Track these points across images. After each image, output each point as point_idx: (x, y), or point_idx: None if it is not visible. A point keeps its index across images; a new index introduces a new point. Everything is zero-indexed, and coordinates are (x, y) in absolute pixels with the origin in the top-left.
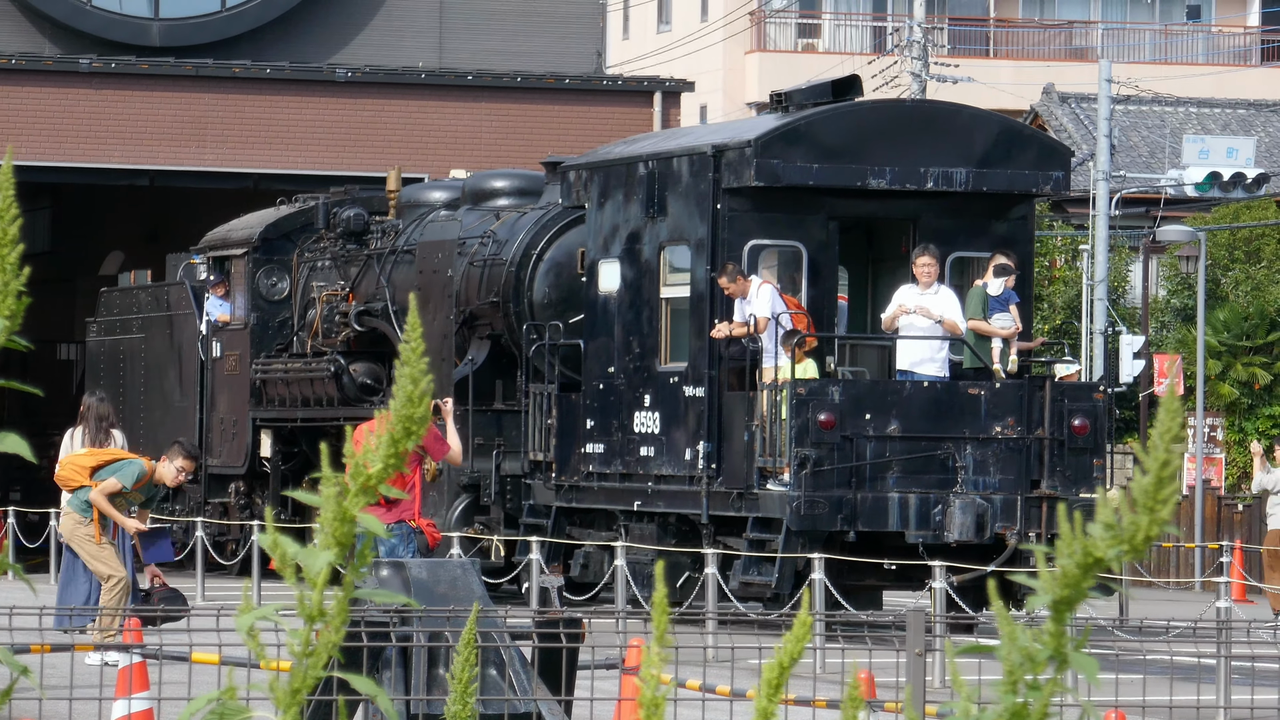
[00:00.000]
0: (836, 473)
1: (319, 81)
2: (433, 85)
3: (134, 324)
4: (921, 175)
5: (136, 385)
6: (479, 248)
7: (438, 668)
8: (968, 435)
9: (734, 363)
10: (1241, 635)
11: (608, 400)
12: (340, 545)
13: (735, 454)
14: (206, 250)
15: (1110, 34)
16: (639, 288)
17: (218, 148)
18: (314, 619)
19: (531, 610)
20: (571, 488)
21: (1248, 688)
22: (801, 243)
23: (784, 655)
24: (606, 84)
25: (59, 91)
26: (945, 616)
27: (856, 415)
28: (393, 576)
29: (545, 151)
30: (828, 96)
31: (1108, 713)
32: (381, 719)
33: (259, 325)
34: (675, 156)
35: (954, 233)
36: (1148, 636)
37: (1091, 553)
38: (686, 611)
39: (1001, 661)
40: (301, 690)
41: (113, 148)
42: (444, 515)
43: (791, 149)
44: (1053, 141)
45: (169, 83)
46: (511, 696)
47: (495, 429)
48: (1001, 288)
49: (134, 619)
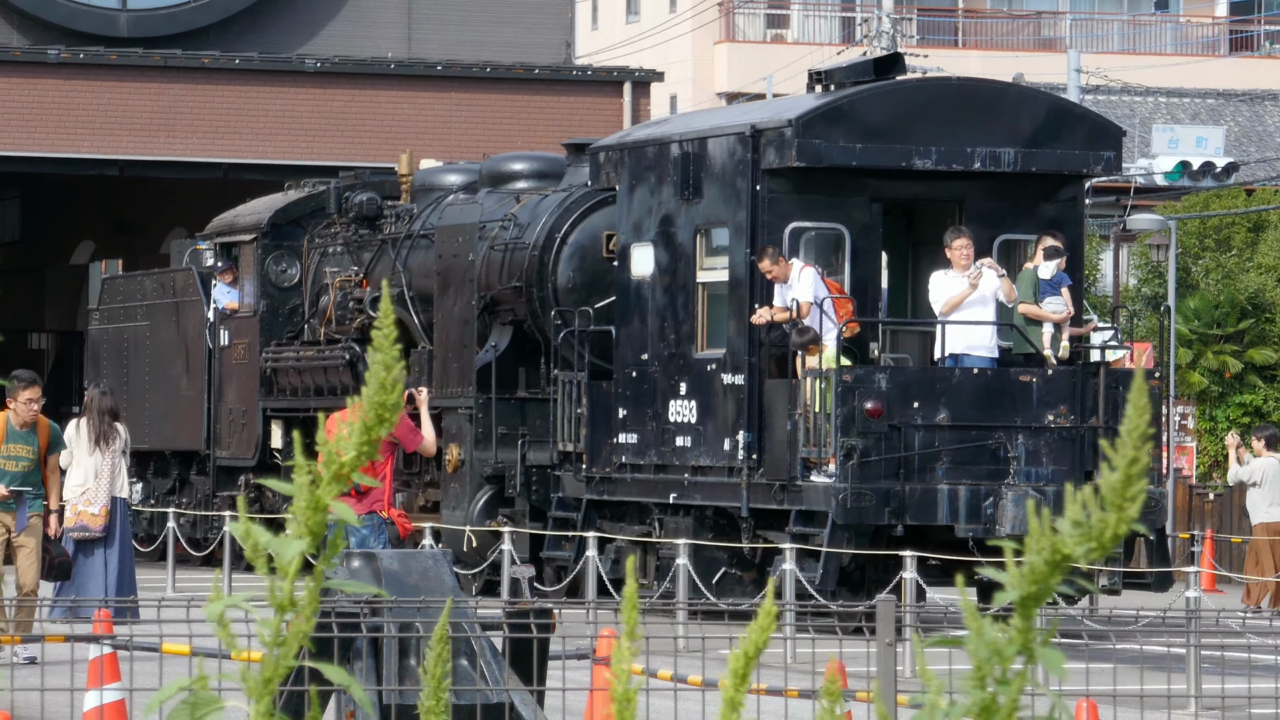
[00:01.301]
0: (884, 464)
1: (288, 72)
2: (402, 76)
3: (138, 311)
4: (968, 156)
5: (141, 374)
6: (500, 231)
7: (409, 658)
8: (1019, 424)
9: (775, 349)
10: (1211, 625)
11: (641, 388)
12: (312, 534)
13: (777, 444)
14: (213, 236)
15: (1079, 24)
16: (674, 272)
17: (187, 138)
18: (285, 609)
19: (502, 601)
20: (603, 479)
21: (1218, 677)
22: (844, 225)
23: (749, 645)
24: (576, 74)
25: (27, 82)
26: (914, 607)
27: (904, 404)
28: (364, 567)
29: (515, 142)
30: (870, 75)
31: (1079, 702)
32: (354, 708)
33: (268, 312)
34: (712, 137)
35: (1001, 215)
36: (1117, 627)
37: (1060, 550)
38: (656, 603)
39: (970, 657)
40: (273, 680)
41: (82, 138)
42: (466, 508)
43: (834, 128)
44: (1104, 121)
45: (138, 73)
46: (483, 687)
47: (519, 418)
48: (1053, 270)
49: (104, 610)
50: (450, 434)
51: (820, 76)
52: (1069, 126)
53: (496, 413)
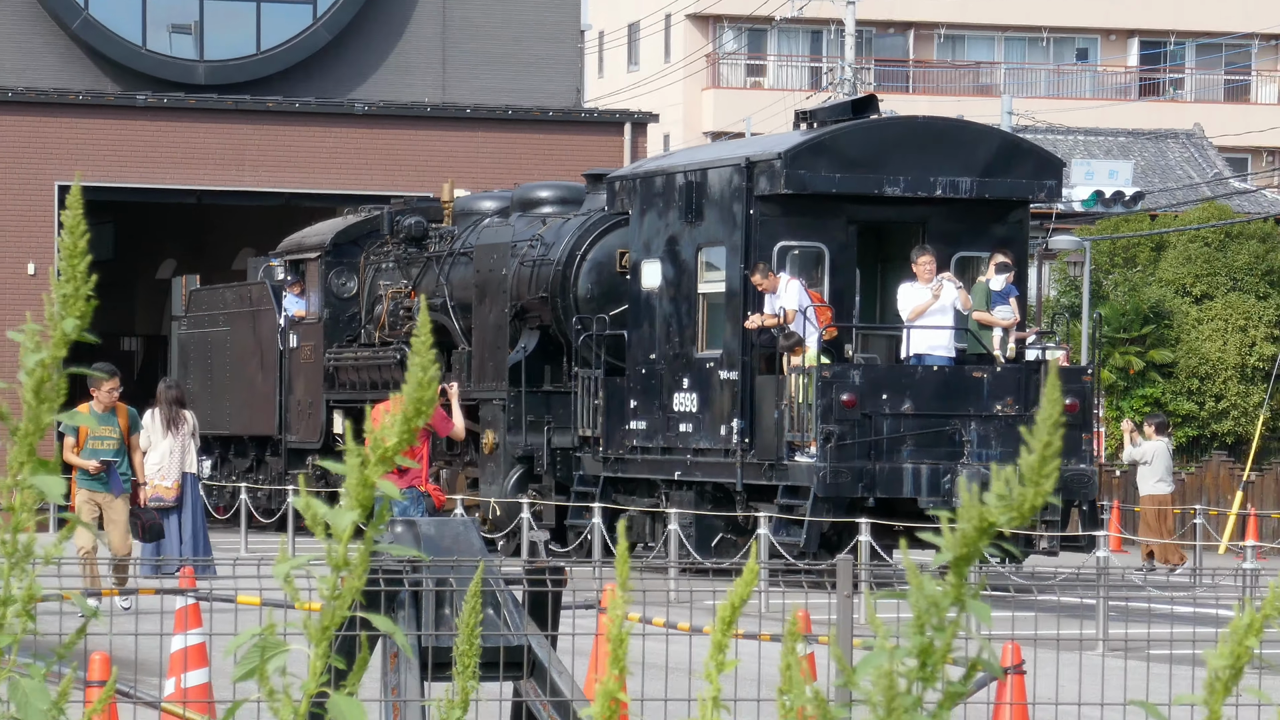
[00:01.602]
0: (857, 446)
1: (340, 114)
2: (437, 118)
3: (221, 318)
4: (931, 184)
5: (224, 371)
6: (528, 250)
7: (444, 608)
8: (972, 413)
9: (764, 350)
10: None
11: (650, 383)
12: (362, 507)
13: (766, 430)
14: (284, 254)
15: (1011, 73)
16: (678, 284)
17: (254, 171)
18: (340, 568)
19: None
20: (617, 460)
21: (1122, 623)
22: (824, 244)
23: (735, 597)
24: (584, 116)
25: (119, 124)
26: (869, 565)
27: (875, 396)
28: (406, 533)
29: (533, 174)
30: (848, 114)
31: (1005, 645)
32: (398, 651)
33: (331, 319)
34: (711, 168)
35: (959, 235)
36: (1039, 581)
37: (986, 518)
38: (653, 561)
39: (911, 607)
40: (330, 628)
41: (165, 171)
42: (500, 483)
43: (817, 160)
44: (1047, 154)
45: (212, 115)
46: (506, 632)
47: (545, 408)
48: (1003, 283)
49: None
50: (486, 421)
51: (805, 115)
52: (1018, 159)
53: (526, 403)
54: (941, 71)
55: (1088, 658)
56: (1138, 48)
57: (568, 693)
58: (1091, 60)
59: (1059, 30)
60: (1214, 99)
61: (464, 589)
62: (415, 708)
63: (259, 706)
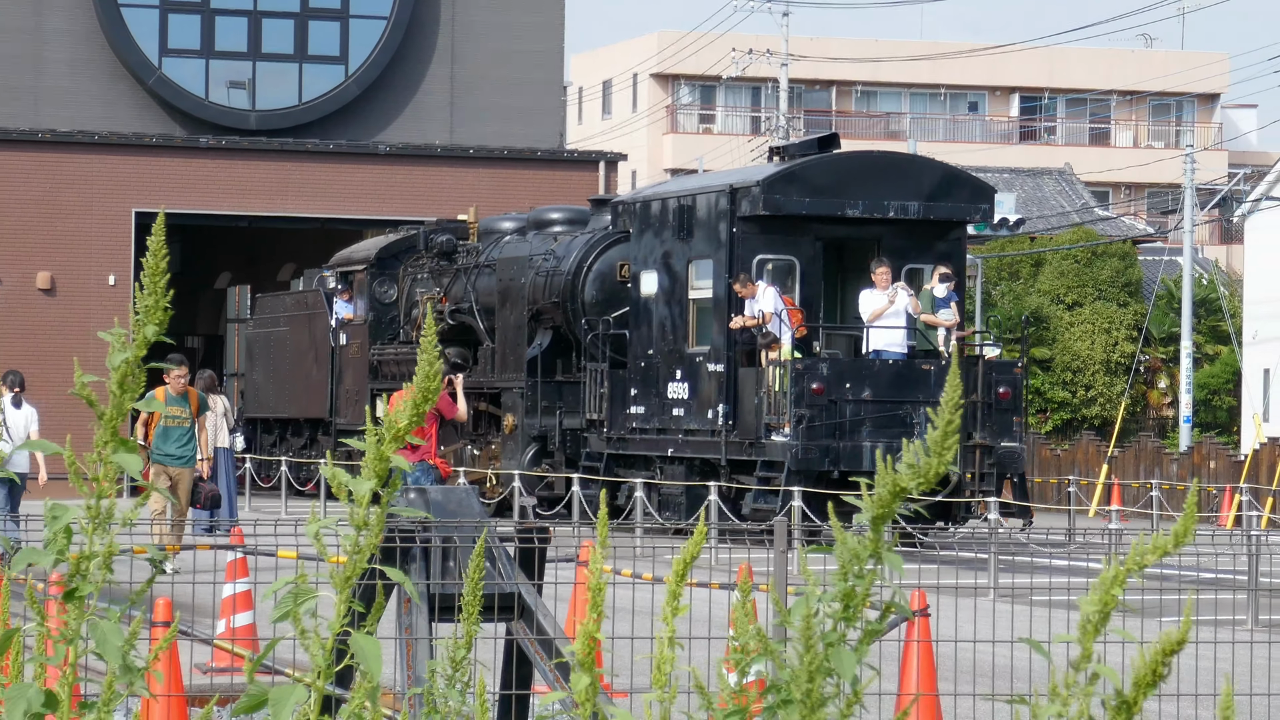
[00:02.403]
0: (825, 427)
1: (367, 154)
2: (445, 156)
3: (281, 320)
4: (885, 206)
5: (284, 365)
6: (542, 262)
7: (449, 561)
8: (922, 399)
9: (745, 346)
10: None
11: (647, 375)
12: (378, 477)
13: (747, 413)
14: (335, 267)
15: (915, 122)
16: (672, 291)
17: (296, 200)
18: (360, 527)
19: (514, 521)
20: (619, 439)
21: (1009, 574)
22: (795, 257)
23: (687, 553)
24: (565, 156)
25: (185, 161)
26: (801, 525)
27: (839, 385)
28: (418, 498)
29: (524, 203)
30: (815, 149)
31: (912, 592)
32: (409, 598)
33: (375, 322)
34: (700, 194)
35: (907, 250)
36: (941, 539)
37: (898, 484)
38: (621, 523)
39: (837, 559)
40: (351, 577)
41: (223, 200)
42: (519, 458)
43: (789, 187)
44: (981, 182)
45: (262, 154)
46: (500, 581)
47: (557, 395)
48: (945, 291)
49: (237, 527)
50: (508, 406)
51: (778, 150)
52: (957, 186)
53: (541, 391)
54: (859, 120)
55: (981, 603)
56: (1018, 101)
57: (551, 631)
58: (981, 111)
59: (954, 87)
60: (1081, 143)
61: (466, 545)
62: (424, 645)
63: (293, 643)
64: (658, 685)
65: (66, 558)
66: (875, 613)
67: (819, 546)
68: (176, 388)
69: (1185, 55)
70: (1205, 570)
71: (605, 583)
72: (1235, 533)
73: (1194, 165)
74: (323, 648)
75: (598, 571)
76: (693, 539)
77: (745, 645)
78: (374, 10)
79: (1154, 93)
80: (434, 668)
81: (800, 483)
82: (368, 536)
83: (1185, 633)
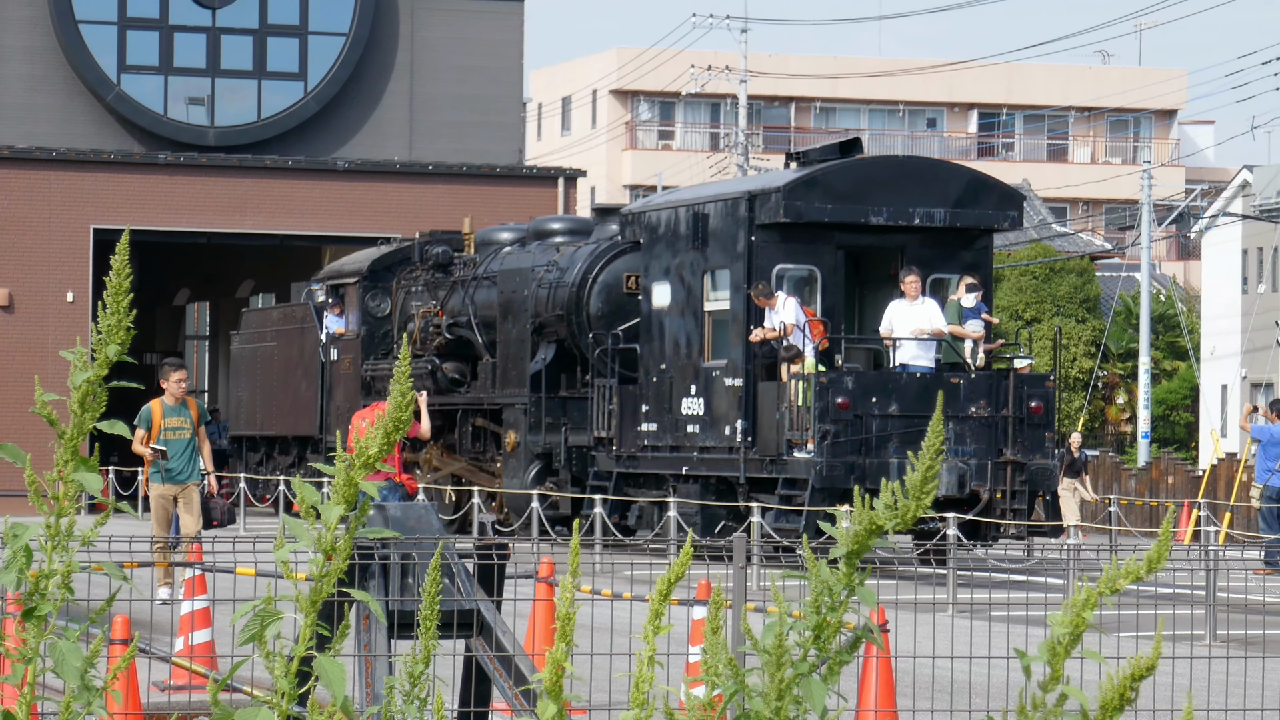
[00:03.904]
0: (850, 443)
1: (325, 170)
2: (404, 173)
3: (269, 334)
4: (910, 214)
5: (272, 381)
6: (545, 274)
7: (408, 578)
8: (950, 414)
9: (765, 360)
10: (965, 556)
11: (660, 389)
12: (347, 502)
13: (767, 429)
14: (325, 280)
15: (874, 137)
16: (686, 302)
17: (254, 216)
18: (328, 552)
19: (473, 537)
20: (629, 457)
21: (968, 590)
22: (817, 266)
23: (672, 573)
24: (525, 172)
25: (143, 178)
26: (761, 541)
27: (865, 399)
28: (376, 515)
29: (484, 219)
30: (835, 154)
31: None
32: (370, 614)
33: (367, 336)
34: (716, 201)
35: (932, 259)
36: (900, 554)
37: (874, 522)
38: (582, 538)
39: (810, 589)
40: (319, 600)
41: (181, 216)
42: (522, 477)
43: (811, 193)
44: (1009, 188)
45: (220, 171)
46: (459, 598)
47: (561, 411)
48: (973, 301)
49: (196, 544)
50: (509, 423)
51: (797, 155)
52: (984, 192)
53: (545, 407)
54: (817, 137)
55: (940, 618)
56: (977, 118)
57: (510, 648)
58: (939, 128)
59: (913, 104)
60: (1039, 159)
61: (425, 562)
62: (383, 662)
63: (252, 664)
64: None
65: (26, 576)
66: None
67: (792, 572)
68: (176, 394)
69: (1143, 72)
70: (1164, 585)
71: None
72: (1193, 548)
73: (1151, 181)
74: (286, 670)
75: (568, 599)
76: (679, 560)
77: (715, 668)
78: (333, 26)
79: (1112, 109)
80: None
81: (824, 501)
82: (335, 561)
83: (1155, 658)
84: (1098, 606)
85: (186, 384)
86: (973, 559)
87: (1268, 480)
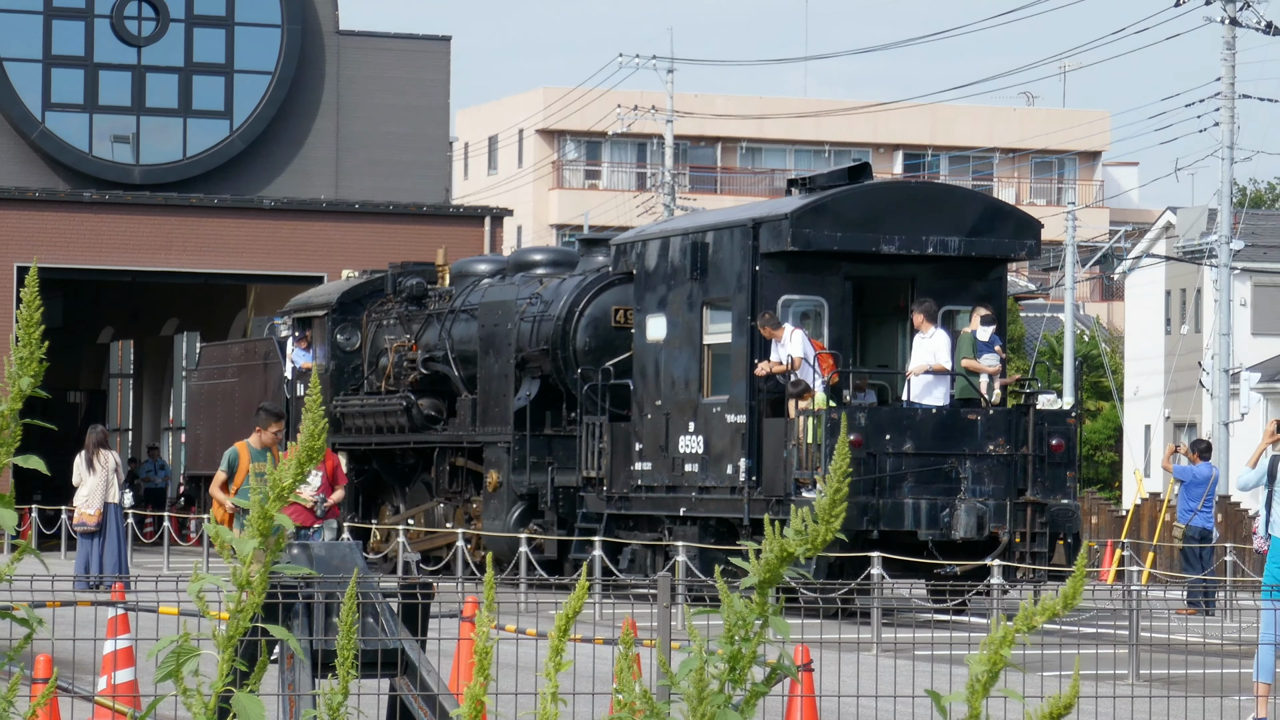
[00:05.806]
0: (863, 483)
1: (251, 208)
2: (331, 211)
3: (230, 370)
4: (923, 242)
5: (233, 419)
6: (528, 306)
7: (332, 617)
8: (967, 452)
9: (770, 395)
10: (888, 591)
11: (655, 427)
12: (261, 535)
13: (772, 468)
14: (291, 312)
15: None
16: (684, 336)
17: (180, 255)
18: (243, 586)
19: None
20: (621, 498)
21: (892, 629)
22: (824, 297)
23: (569, 608)
24: (452, 210)
25: (67, 215)
26: (685, 581)
27: (879, 436)
28: (301, 554)
29: (410, 257)
30: (844, 180)
31: (796, 647)
32: (292, 654)
33: (336, 370)
34: (717, 229)
35: (945, 290)
36: (826, 594)
37: (785, 549)
38: (507, 578)
39: (724, 622)
40: (235, 636)
41: (106, 254)
42: (504, 519)
43: (819, 220)
44: (1027, 216)
45: (145, 209)
46: (383, 637)
47: (546, 450)
48: (988, 334)
49: (118, 583)
50: (490, 462)
51: (801, 182)
52: (1001, 220)
53: (530, 446)
54: (744, 177)
55: (865, 657)
56: (902, 158)
57: (435, 687)
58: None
59: (838, 144)
60: None
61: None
62: (306, 700)
63: (175, 702)
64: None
65: None
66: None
67: (705, 608)
68: (266, 442)
69: (1067, 113)
70: (1087, 625)
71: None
72: (1116, 588)
73: (1076, 223)
74: (205, 708)
75: (485, 634)
76: (574, 594)
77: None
78: (259, 65)
79: (1036, 150)
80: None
81: (835, 545)
82: (250, 596)
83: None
84: (1014, 644)
85: (281, 435)
86: (897, 599)
87: (1190, 520)
